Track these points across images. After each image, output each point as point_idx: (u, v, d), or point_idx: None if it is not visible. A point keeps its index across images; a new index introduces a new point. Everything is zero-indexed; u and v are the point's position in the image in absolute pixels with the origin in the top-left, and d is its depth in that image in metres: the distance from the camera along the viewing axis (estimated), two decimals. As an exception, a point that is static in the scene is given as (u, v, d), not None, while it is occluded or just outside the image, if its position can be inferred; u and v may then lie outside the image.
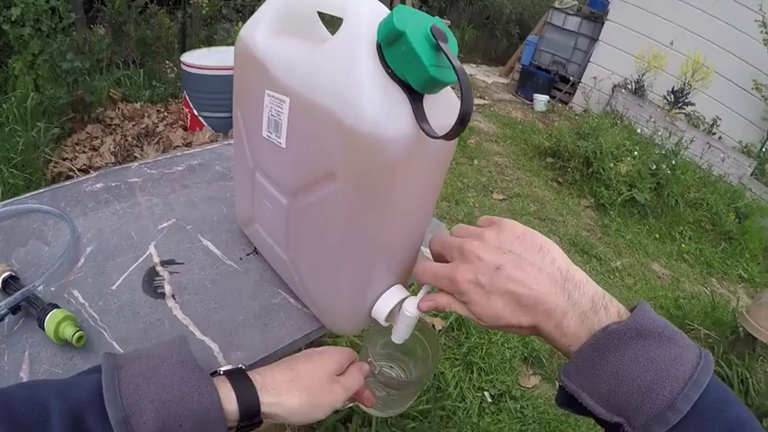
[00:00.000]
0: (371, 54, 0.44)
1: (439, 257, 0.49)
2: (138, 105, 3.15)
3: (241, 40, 0.59)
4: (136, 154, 2.64)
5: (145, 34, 3.83)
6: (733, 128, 5.94)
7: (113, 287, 0.65)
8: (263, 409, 0.43)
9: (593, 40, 6.30)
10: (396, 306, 0.57)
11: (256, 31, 0.57)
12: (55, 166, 2.50)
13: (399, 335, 0.57)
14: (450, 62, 0.41)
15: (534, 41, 6.69)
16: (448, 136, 0.43)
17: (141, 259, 0.71)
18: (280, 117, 0.54)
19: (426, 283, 0.48)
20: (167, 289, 0.66)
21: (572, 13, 6.40)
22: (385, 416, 0.72)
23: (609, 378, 0.37)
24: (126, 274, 0.68)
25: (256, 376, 0.44)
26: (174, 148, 2.72)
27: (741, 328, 2.27)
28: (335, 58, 0.46)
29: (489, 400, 1.83)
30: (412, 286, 0.72)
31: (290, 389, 0.45)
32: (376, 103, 0.43)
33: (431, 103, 0.46)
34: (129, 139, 2.77)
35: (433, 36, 0.42)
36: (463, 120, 0.41)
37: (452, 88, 0.49)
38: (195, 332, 0.61)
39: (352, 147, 0.45)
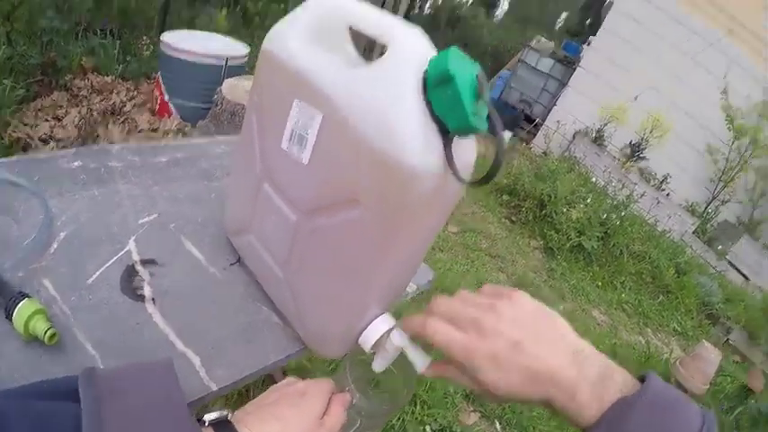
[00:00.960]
0: (417, 88, 0.44)
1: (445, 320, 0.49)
2: (108, 79, 3.03)
3: (271, 42, 0.57)
4: (99, 132, 2.53)
5: (128, 4, 3.69)
6: (682, 186, 6.28)
7: (89, 281, 0.62)
8: None
9: (563, 84, 6.52)
10: (383, 336, 0.58)
11: (289, 35, 0.55)
12: (14, 131, 2.37)
13: (381, 363, 0.57)
14: (491, 117, 0.43)
15: (506, 77, 6.90)
16: (477, 183, 0.45)
17: (120, 254, 0.67)
18: (307, 132, 0.52)
19: (439, 346, 0.47)
20: (147, 291, 0.63)
21: (546, 54, 6.61)
22: None
23: None
24: (103, 268, 0.64)
25: (244, 429, 0.42)
26: (139, 132, 2.63)
27: (674, 379, 2.38)
28: (381, 85, 0.46)
29: (430, 435, 1.82)
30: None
31: None
32: (416, 137, 0.44)
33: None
34: (95, 114, 2.66)
35: (478, 85, 0.43)
36: (495, 171, 0.42)
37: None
38: (176, 342, 0.58)
39: (383, 175, 0.45)
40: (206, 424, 0.41)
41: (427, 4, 14.19)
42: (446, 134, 0.46)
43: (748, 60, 6.06)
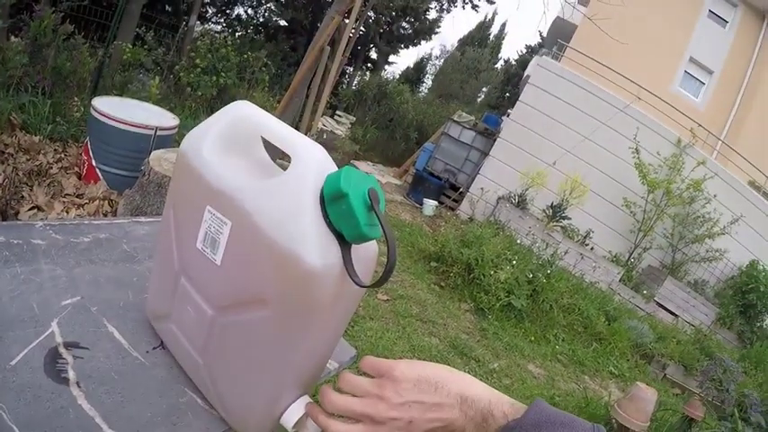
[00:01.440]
0: (316, 200, 0.51)
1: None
2: (36, 139, 2.98)
3: (186, 151, 0.62)
4: (24, 193, 2.46)
5: (63, 64, 3.66)
6: (604, 239, 6.65)
7: (12, 363, 0.62)
8: None
9: (485, 153, 6.86)
10: (303, 415, 0.61)
11: (203, 145, 0.61)
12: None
13: None
14: (382, 226, 0.50)
15: (430, 149, 7.18)
16: (375, 285, 0.52)
17: (43, 336, 0.68)
18: (218, 237, 0.57)
19: None
20: (71, 374, 0.64)
21: (468, 126, 6.98)
22: None
23: None
24: (26, 350, 0.64)
25: None
26: (65, 197, 2.57)
27: (614, 421, 2.46)
28: (285, 196, 0.52)
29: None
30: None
31: None
32: (316, 243, 0.50)
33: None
34: (20, 174, 2.59)
35: (369, 199, 0.50)
36: (389, 272, 0.49)
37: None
38: (102, 426, 0.59)
39: (287, 277, 0.51)
40: None
41: (354, 81, 14.73)
42: (344, 241, 0.52)
43: (656, 120, 6.66)
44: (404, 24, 16.03)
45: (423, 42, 17.75)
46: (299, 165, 0.53)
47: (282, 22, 14.39)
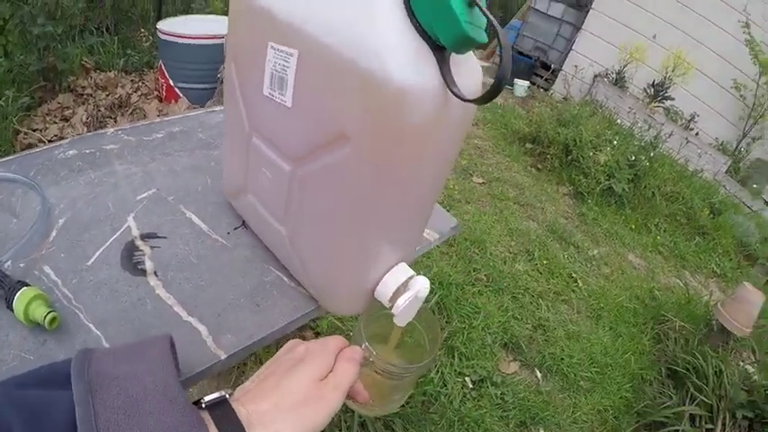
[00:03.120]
0: (398, 2, 0.39)
1: None
2: (111, 74, 3.03)
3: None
4: (109, 126, 2.53)
5: (120, 0, 3.67)
6: (710, 125, 6.06)
7: (89, 263, 0.60)
8: None
9: (577, 28, 6.32)
10: (401, 286, 0.53)
11: None
12: (24, 137, 2.38)
13: (403, 318, 0.53)
14: (489, 19, 0.37)
15: (517, 26, 6.69)
16: (480, 100, 0.39)
17: (119, 232, 0.65)
18: (285, 73, 0.48)
19: None
20: (149, 265, 0.61)
21: (556, -1, 6.41)
22: (379, 414, 0.66)
23: None
24: (103, 248, 0.62)
25: (240, 408, 0.39)
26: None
27: (715, 322, 2.31)
28: (356, 6, 0.41)
29: (470, 385, 1.81)
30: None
31: (276, 416, 0.39)
32: (403, 56, 0.39)
33: (452, 64, 0.42)
34: (102, 109, 2.66)
35: None
36: (500, 83, 0.37)
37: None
38: (181, 313, 0.55)
39: (371, 103, 0.40)
40: (203, 406, 0.38)
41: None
42: (441, 51, 0.40)
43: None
44: None
45: None
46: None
47: None
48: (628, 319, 2.51)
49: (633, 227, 3.65)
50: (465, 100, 0.40)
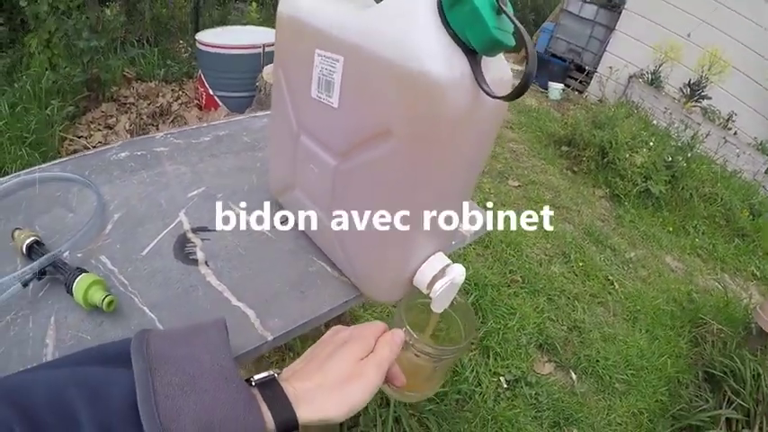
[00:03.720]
0: (433, 12, 0.43)
1: None
2: (152, 84, 3.14)
3: (283, 9, 0.59)
4: (150, 133, 2.63)
5: (159, 13, 3.82)
6: (749, 124, 5.87)
7: (143, 253, 0.64)
8: (300, 422, 0.41)
9: (610, 29, 6.22)
10: (438, 273, 0.56)
11: None
12: (70, 144, 2.49)
13: (440, 304, 0.55)
14: (515, 24, 0.41)
15: (550, 29, 6.63)
16: (509, 96, 0.43)
17: (171, 226, 0.70)
18: (332, 76, 0.53)
19: None
20: (200, 255, 0.65)
21: (589, 1, 6.33)
22: (413, 400, 0.69)
23: None
24: (156, 240, 0.67)
25: (288, 386, 0.42)
26: (190, 127, 2.71)
27: (754, 325, 2.25)
28: (394, 16, 0.45)
29: (505, 385, 1.82)
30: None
31: (320, 394, 0.42)
32: (440, 57, 0.43)
33: (484, 67, 0.46)
34: (144, 117, 2.76)
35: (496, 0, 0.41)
36: (527, 82, 0.40)
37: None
38: (230, 299, 0.59)
39: (412, 99, 0.45)
40: (253, 384, 0.41)
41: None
42: (473, 54, 0.44)
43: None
44: None
45: None
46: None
47: None
48: (665, 321, 2.47)
49: (671, 229, 3.58)
50: (494, 96, 0.44)
